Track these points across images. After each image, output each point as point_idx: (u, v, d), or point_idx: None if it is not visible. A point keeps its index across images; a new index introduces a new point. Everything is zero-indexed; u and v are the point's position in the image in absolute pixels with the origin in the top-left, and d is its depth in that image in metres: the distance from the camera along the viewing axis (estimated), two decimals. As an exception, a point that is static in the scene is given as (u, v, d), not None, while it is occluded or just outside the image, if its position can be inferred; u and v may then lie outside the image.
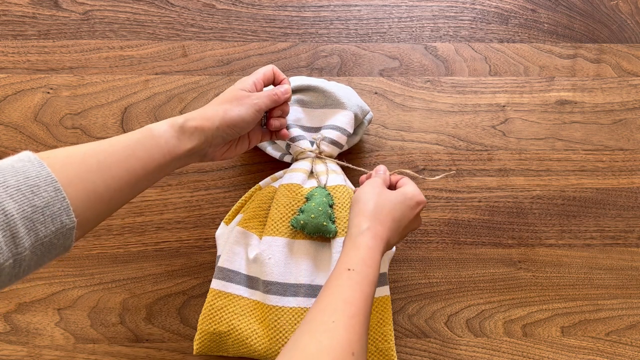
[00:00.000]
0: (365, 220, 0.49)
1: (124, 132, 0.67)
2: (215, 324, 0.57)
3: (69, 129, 0.67)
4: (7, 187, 0.35)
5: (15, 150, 0.66)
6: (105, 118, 0.68)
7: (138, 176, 0.44)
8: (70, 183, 0.38)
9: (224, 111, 0.50)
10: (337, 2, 0.72)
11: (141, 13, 0.71)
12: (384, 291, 0.59)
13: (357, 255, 0.47)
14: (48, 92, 0.68)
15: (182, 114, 0.68)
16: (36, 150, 0.35)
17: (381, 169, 0.57)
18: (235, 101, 0.52)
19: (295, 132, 0.62)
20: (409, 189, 0.53)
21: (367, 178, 0.58)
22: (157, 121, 0.67)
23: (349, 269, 0.46)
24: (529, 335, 0.65)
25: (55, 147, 0.66)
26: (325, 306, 0.44)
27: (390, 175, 0.57)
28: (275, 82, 0.57)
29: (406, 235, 0.55)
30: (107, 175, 0.42)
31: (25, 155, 0.38)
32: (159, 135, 0.47)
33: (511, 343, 0.65)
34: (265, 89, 0.56)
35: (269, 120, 0.57)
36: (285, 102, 0.57)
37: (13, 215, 0.34)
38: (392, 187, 0.56)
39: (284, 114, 0.58)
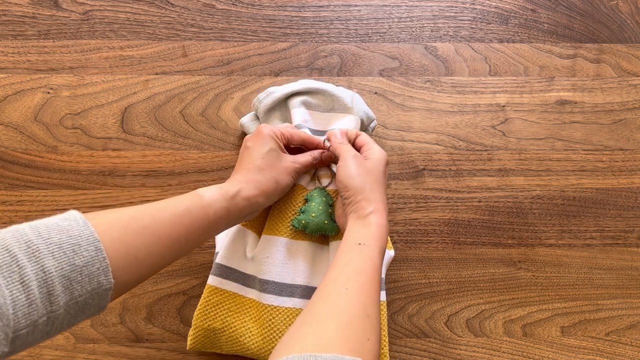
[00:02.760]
0: (368, 203, 0.51)
1: (124, 132, 0.67)
2: (209, 320, 0.57)
3: (69, 129, 0.67)
4: (50, 243, 0.35)
5: (15, 150, 0.66)
6: (105, 118, 0.68)
7: (181, 242, 0.45)
8: (112, 245, 0.39)
9: (276, 183, 0.53)
10: (337, 2, 0.72)
11: (141, 13, 0.71)
12: (380, 297, 0.58)
13: (368, 232, 0.49)
14: (48, 92, 0.68)
15: (182, 114, 0.68)
16: (36, 150, 0.35)
17: (338, 136, 0.58)
18: (282, 169, 0.54)
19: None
20: (377, 155, 0.55)
21: (328, 142, 0.59)
22: (157, 121, 0.68)
23: (359, 244, 0.47)
24: (529, 335, 0.65)
25: (55, 147, 0.66)
26: (337, 276, 0.45)
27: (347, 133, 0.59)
28: (303, 143, 0.59)
29: None
30: (150, 241, 0.42)
31: (72, 214, 0.39)
32: (209, 204, 0.47)
33: (511, 343, 0.65)
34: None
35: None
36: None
37: (51, 272, 0.35)
38: (356, 148, 0.58)
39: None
